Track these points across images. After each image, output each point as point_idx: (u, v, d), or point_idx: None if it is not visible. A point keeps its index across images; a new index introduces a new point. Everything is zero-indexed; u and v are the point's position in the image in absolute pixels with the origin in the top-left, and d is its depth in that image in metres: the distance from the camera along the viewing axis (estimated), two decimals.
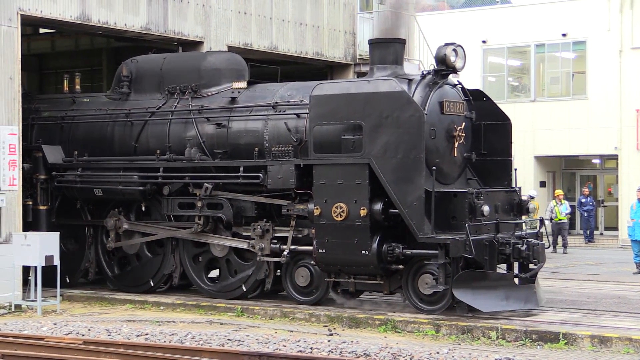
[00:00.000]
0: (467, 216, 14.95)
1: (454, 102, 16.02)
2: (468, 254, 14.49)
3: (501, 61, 35.84)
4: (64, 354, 11.67)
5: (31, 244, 16.38)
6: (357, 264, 15.43)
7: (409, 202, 14.81)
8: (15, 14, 17.25)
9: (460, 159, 16.20)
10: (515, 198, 16.41)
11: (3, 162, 16.95)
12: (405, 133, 14.96)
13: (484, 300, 14.78)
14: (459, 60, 16.13)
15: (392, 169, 15.00)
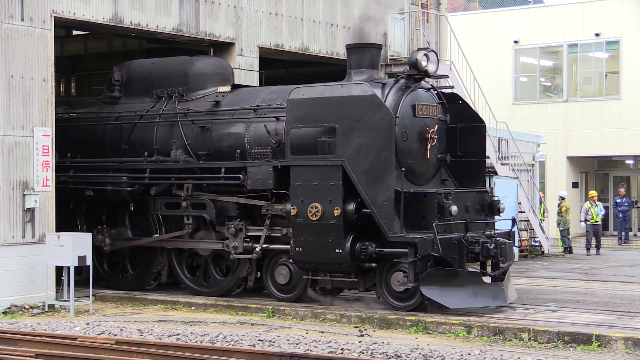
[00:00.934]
0: (436, 216, 15.42)
1: (427, 106, 16.46)
2: (435, 253, 14.96)
3: (533, 61, 35.64)
4: (97, 353, 11.73)
5: (64, 245, 16.51)
6: (331, 262, 15.91)
7: (380, 202, 15.29)
8: (49, 16, 17.39)
9: (434, 161, 16.64)
10: (487, 198, 16.78)
11: (37, 164, 17.09)
12: (376, 135, 15.46)
13: (452, 297, 15.20)
14: (430, 65, 16.56)
15: (364, 170, 15.48)
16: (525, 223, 27.43)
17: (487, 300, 15.69)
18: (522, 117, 34.26)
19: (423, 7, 25.85)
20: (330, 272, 16.26)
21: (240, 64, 21.03)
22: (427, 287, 15.14)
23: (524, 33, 35.36)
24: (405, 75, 16.43)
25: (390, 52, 24.85)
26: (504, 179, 25.88)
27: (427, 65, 16.51)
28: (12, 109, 16.76)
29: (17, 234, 16.79)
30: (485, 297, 15.70)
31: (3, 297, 16.49)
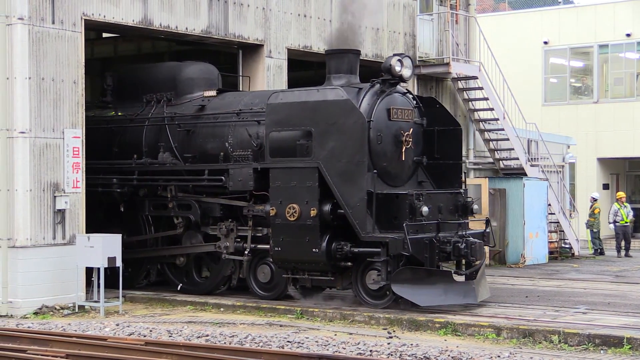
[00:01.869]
0: (407, 216, 15.98)
1: (402, 109, 16.95)
2: (405, 252, 15.47)
3: (563, 62, 35.43)
4: (126, 354, 11.79)
5: (94, 246, 16.60)
6: (309, 261, 16.43)
7: (353, 203, 15.81)
8: (79, 19, 17.50)
9: (410, 163, 17.14)
10: (460, 199, 17.27)
11: (67, 165, 17.21)
12: (350, 138, 15.97)
13: (422, 295, 15.72)
14: (405, 70, 17.03)
15: (338, 172, 16.00)
16: (555, 225, 27.27)
17: (458, 298, 16.14)
18: (552, 118, 34.06)
19: (452, 8, 25.78)
20: (308, 271, 16.72)
21: (269, 65, 21.08)
22: (398, 285, 15.66)
23: (554, 34, 35.15)
24: (380, 80, 16.89)
25: (419, 53, 24.81)
26: (534, 181, 25.76)
27: (401, 71, 16.96)
28: (42, 111, 16.89)
29: (47, 235, 16.91)
30: (456, 295, 16.15)
31: (34, 298, 16.61)
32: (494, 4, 50.73)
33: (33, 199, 16.70)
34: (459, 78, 25.70)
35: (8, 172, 16.67)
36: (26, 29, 16.67)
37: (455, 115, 26.20)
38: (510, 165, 26.69)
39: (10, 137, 16.66)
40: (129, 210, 19.24)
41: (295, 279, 17.05)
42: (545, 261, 25.79)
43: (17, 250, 16.57)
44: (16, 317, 16.26)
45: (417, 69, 24.80)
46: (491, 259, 24.87)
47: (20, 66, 16.64)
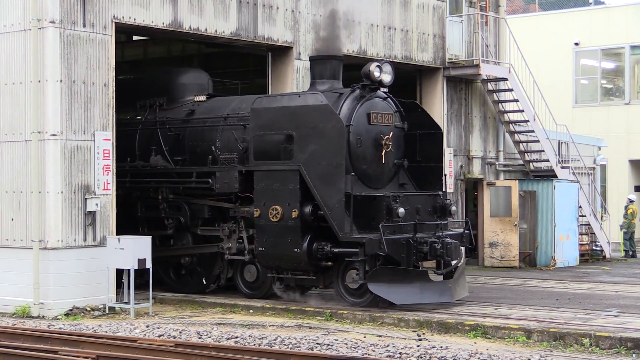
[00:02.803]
0: (384, 217, 16.48)
1: (382, 114, 17.47)
2: (381, 252, 15.97)
3: (594, 63, 35.20)
4: (156, 355, 11.83)
5: (124, 247, 16.68)
6: (291, 261, 16.97)
7: (332, 205, 16.36)
8: (110, 22, 17.61)
9: (390, 165, 17.64)
10: (439, 201, 17.73)
11: (97, 167, 17.31)
12: (329, 142, 16.53)
13: (398, 294, 16.20)
14: (384, 76, 17.51)
15: (318, 174, 16.55)
16: (585, 227, 27.09)
17: (434, 297, 16.60)
18: (583, 119, 33.85)
19: (482, 10, 25.68)
20: (291, 270, 17.25)
21: (298, 68, 21.10)
22: (375, 284, 16.13)
23: (585, 35, 34.93)
24: (360, 86, 17.41)
25: (449, 55, 24.73)
26: (564, 183, 25.61)
27: (381, 76, 17.41)
28: (73, 114, 17.00)
29: (78, 237, 17.01)
30: (432, 293, 16.62)
31: (65, 299, 16.72)
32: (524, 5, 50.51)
33: (64, 201, 16.82)
34: (489, 80, 25.60)
35: (40, 175, 16.80)
36: (57, 32, 16.80)
37: (485, 117, 26.12)
38: (540, 167, 26.54)
39: (42, 140, 16.79)
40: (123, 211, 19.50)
41: (280, 278, 17.56)
42: (576, 264, 25.63)
43: (49, 252, 16.68)
44: (48, 318, 16.38)
45: (447, 71, 24.73)
46: (521, 261, 24.77)
47: (51, 69, 16.77)
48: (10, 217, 17.22)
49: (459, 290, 17.33)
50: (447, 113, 24.88)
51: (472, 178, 25.63)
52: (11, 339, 13.23)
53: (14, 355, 11.95)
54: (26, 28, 17.01)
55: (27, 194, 16.98)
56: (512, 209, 24.90)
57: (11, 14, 17.27)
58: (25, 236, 16.97)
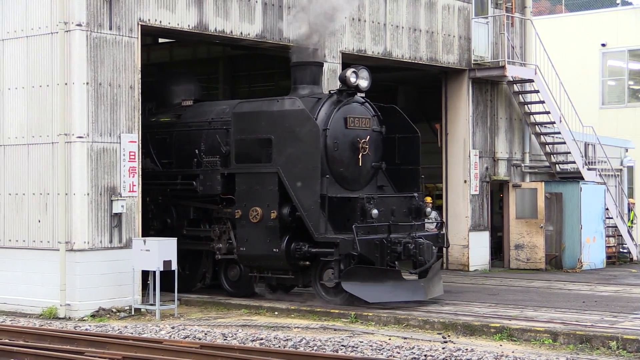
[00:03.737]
0: (359, 218, 17.04)
1: (359, 118, 18.05)
2: (354, 252, 16.55)
3: (622, 64, 34.95)
4: (182, 357, 11.87)
5: (150, 249, 16.74)
6: (270, 261, 17.55)
7: (308, 206, 16.93)
8: (136, 24, 17.69)
9: (368, 168, 18.16)
10: (415, 203, 18.25)
11: (124, 169, 17.39)
12: (305, 146, 17.11)
13: (371, 292, 16.72)
14: (361, 81, 18.02)
15: (295, 177, 17.12)
16: (612, 229, 26.91)
17: (407, 295, 17.15)
18: (610, 121, 33.62)
19: (508, 11, 25.58)
20: (270, 270, 17.85)
21: (324, 70, 21.07)
22: (349, 282, 16.73)
23: (612, 36, 34.70)
24: (337, 91, 18.01)
25: (474, 56, 24.65)
26: (591, 185, 25.46)
27: (357, 82, 17.93)
28: (100, 116, 17.09)
29: (104, 238, 17.10)
30: (405, 292, 17.18)
31: (91, 301, 16.81)
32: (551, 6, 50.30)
33: (90, 203, 16.90)
34: (515, 81, 25.49)
35: (66, 177, 16.90)
36: (84, 35, 16.89)
37: (511, 118, 26.02)
38: (566, 169, 26.40)
39: (69, 142, 16.89)
40: None
41: (262, 277, 18.16)
42: (603, 266, 25.47)
43: (75, 253, 16.78)
44: (74, 319, 16.47)
45: (472, 72, 24.66)
46: (547, 263, 24.65)
47: (78, 72, 16.87)
48: (37, 219, 17.34)
49: (433, 289, 17.82)
50: (472, 115, 24.80)
51: (497, 180, 25.53)
52: (38, 339, 13.33)
53: (41, 356, 12.03)
54: (53, 31, 17.12)
55: (53, 195, 17.09)
56: (538, 211, 24.79)
57: (38, 17, 17.39)
58: (52, 238, 17.08)
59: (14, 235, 17.70)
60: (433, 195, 27.81)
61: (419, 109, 29.07)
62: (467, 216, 24.54)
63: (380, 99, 29.71)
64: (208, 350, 12.19)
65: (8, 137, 17.87)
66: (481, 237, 24.90)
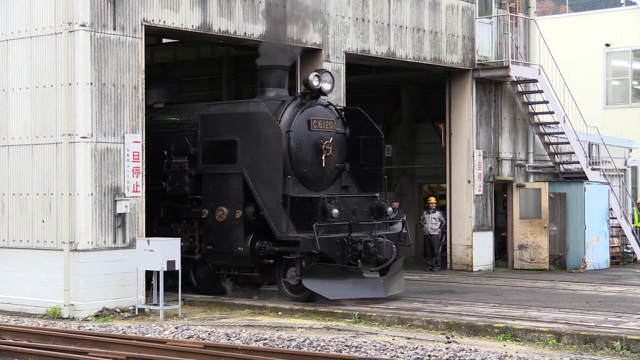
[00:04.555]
0: (320, 218, 17.47)
1: (323, 120, 18.50)
2: (315, 250, 17.00)
3: (625, 64, 34.93)
4: (185, 357, 11.88)
5: (154, 249, 16.75)
6: (235, 259, 18.06)
7: (271, 206, 17.42)
8: (140, 25, 17.70)
9: (332, 169, 18.66)
10: (376, 203, 18.65)
11: (127, 170, 17.40)
12: (268, 147, 17.60)
13: (332, 289, 17.19)
14: (324, 84, 18.52)
15: (259, 177, 17.63)
16: (616, 229, 26.88)
17: (367, 292, 17.64)
18: (614, 121, 33.59)
19: (511, 11, 25.57)
20: (236, 268, 18.35)
21: (327, 69, 21.09)
22: (309, 280, 17.19)
23: (616, 36, 34.67)
24: (301, 94, 18.56)
25: (478, 56, 24.64)
26: (595, 185, 25.43)
27: (320, 85, 18.44)
28: (103, 117, 17.11)
29: (108, 238, 17.11)
30: (365, 289, 17.65)
31: (95, 301, 16.83)
32: (554, 6, 50.25)
33: (94, 203, 16.92)
34: (519, 81, 25.47)
35: (70, 177, 16.91)
36: (88, 35, 16.91)
37: (515, 118, 26.01)
38: (570, 169, 26.38)
39: (72, 142, 16.91)
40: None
41: (229, 275, 18.65)
42: (607, 266, 25.44)
43: (79, 253, 16.80)
44: (78, 319, 16.49)
45: (476, 73, 24.64)
46: (551, 263, 24.63)
47: (82, 72, 16.88)
48: (41, 219, 17.36)
49: (393, 286, 18.30)
50: (476, 115, 24.79)
51: (501, 180, 25.52)
52: (42, 339, 13.35)
53: (45, 356, 12.05)
54: (57, 31, 17.14)
55: (57, 196, 17.11)
56: (542, 211, 24.77)
57: (42, 17, 17.41)
58: (56, 238, 17.10)
59: (18, 235, 17.72)
60: (437, 195, 27.83)
61: (422, 109, 29.09)
62: (470, 216, 24.54)
63: (384, 99, 29.95)
64: (212, 350, 12.20)
65: (12, 137, 17.89)
66: (485, 237, 24.89)
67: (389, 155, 29.46)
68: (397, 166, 29.42)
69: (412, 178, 29.18)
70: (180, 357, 11.90)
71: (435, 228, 24.65)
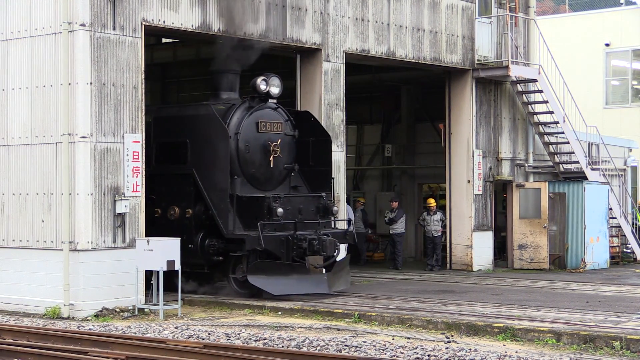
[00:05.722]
0: (265, 217, 18.16)
1: (271, 122, 19.21)
2: (259, 247, 17.67)
3: (625, 64, 34.93)
4: (185, 357, 11.88)
5: (154, 249, 16.75)
6: (187, 256, 18.22)
7: (218, 205, 18.12)
8: (140, 24, 17.70)
9: (280, 169, 19.34)
10: (322, 202, 19.35)
11: (127, 169, 17.40)
12: (216, 149, 18.26)
13: (276, 285, 17.85)
14: (272, 88, 19.19)
15: (207, 178, 18.33)
16: (616, 229, 26.88)
17: (310, 288, 18.32)
18: (613, 121, 33.59)
19: (511, 11, 25.57)
20: (188, 265, 18.44)
21: (327, 69, 21.12)
22: (254, 276, 17.79)
23: (616, 35, 34.67)
24: (249, 97, 19.11)
25: (478, 56, 24.63)
26: (594, 185, 25.44)
27: (267, 88, 19.11)
28: (103, 116, 17.11)
29: (108, 238, 17.12)
30: (309, 284, 18.35)
31: (95, 300, 16.83)
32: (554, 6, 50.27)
33: (94, 203, 16.92)
34: (518, 81, 25.48)
35: (70, 176, 16.91)
36: (88, 35, 16.91)
37: (515, 118, 26.01)
38: (570, 169, 26.38)
39: (72, 142, 16.90)
40: None
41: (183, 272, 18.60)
42: (607, 266, 25.44)
43: (79, 253, 16.80)
44: (77, 319, 16.49)
45: (476, 72, 24.64)
46: (551, 263, 24.63)
47: (81, 72, 16.88)
48: (41, 219, 17.36)
49: (337, 282, 19.00)
50: (476, 115, 24.80)
51: (501, 180, 25.52)
52: (42, 339, 13.35)
53: (45, 355, 12.05)
54: (57, 31, 17.13)
55: (57, 195, 17.11)
56: (541, 211, 24.77)
57: (42, 17, 17.41)
58: (56, 238, 17.10)
59: (17, 235, 17.72)
60: (437, 195, 27.84)
61: (422, 109, 29.09)
62: (470, 216, 24.54)
63: (384, 99, 29.94)
64: (211, 350, 12.20)
65: (12, 137, 17.89)
66: (485, 237, 24.89)
67: (389, 155, 29.51)
68: (397, 166, 29.44)
69: (412, 178, 29.18)
70: (180, 357, 11.90)
71: (438, 230, 24.67)
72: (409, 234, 27.84)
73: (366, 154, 30.52)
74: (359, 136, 30.60)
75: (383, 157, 29.86)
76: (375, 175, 30.32)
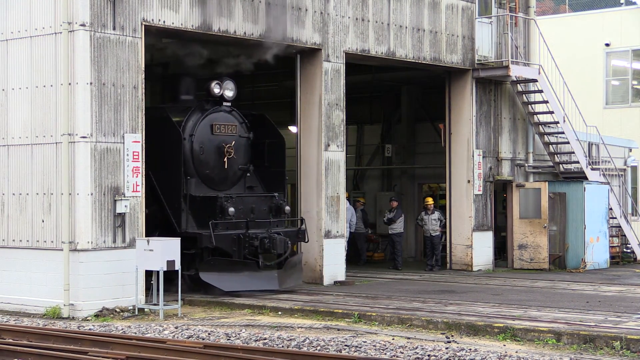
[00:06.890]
0: (217, 216, 18.77)
1: (225, 125, 19.90)
2: (210, 245, 18.23)
3: (625, 64, 34.92)
4: (185, 357, 11.88)
5: (154, 249, 16.75)
6: None
7: (172, 204, 18.78)
8: (140, 24, 17.70)
9: (235, 170, 19.98)
10: (275, 202, 19.97)
11: (127, 169, 17.40)
12: (170, 150, 18.89)
13: (227, 282, 18.48)
14: (226, 91, 19.87)
15: (162, 178, 18.88)
16: (616, 229, 26.88)
17: (261, 285, 18.91)
18: (614, 121, 33.59)
19: (511, 11, 25.56)
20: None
21: (327, 69, 21.12)
22: (206, 273, 18.44)
23: (616, 35, 34.66)
24: (204, 100, 19.81)
25: (478, 56, 24.63)
26: (595, 185, 25.44)
27: (222, 92, 19.77)
28: (103, 116, 17.11)
29: (108, 238, 17.12)
30: (259, 281, 18.93)
31: (95, 300, 16.83)
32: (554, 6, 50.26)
33: (94, 203, 16.92)
34: (518, 81, 25.48)
35: (70, 177, 16.92)
36: (88, 35, 16.91)
37: (515, 118, 26.00)
38: (570, 169, 26.38)
39: (72, 142, 16.91)
40: None
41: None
42: (607, 266, 25.44)
43: (79, 253, 16.80)
44: (77, 319, 16.49)
45: (476, 72, 24.64)
46: (551, 263, 24.63)
47: (81, 72, 16.88)
48: (41, 219, 17.36)
49: (288, 280, 19.49)
50: (476, 115, 24.79)
51: (501, 180, 25.52)
52: (42, 339, 13.35)
53: (45, 355, 12.05)
54: (57, 31, 17.14)
55: (57, 195, 17.11)
56: (541, 211, 24.77)
57: (42, 17, 17.41)
58: (56, 238, 17.10)
59: (17, 235, 17.73)
60: (437, 195, 27.84)
61: (422, 109, 29.09)
62: (470, 216, 24.54)
63: (384, 99, 29.94)
64: (211, 350, 12.20)
65: (12, 137, 17.89)
66: (485, 237, 24.89)
67: (389, 155, 29.51)
68: (397, 166, 29.43)
69: (412, 178, 29.18)
70: (180, 357, 11.90)
71: (436, 229, 24.66)
72: (409, 234, 27.86)
73: (366, 154, 30.53)
74: (359, 136, 30.61)
75: (383, 157, 29.86)
76: (375, 175, 30.32)
